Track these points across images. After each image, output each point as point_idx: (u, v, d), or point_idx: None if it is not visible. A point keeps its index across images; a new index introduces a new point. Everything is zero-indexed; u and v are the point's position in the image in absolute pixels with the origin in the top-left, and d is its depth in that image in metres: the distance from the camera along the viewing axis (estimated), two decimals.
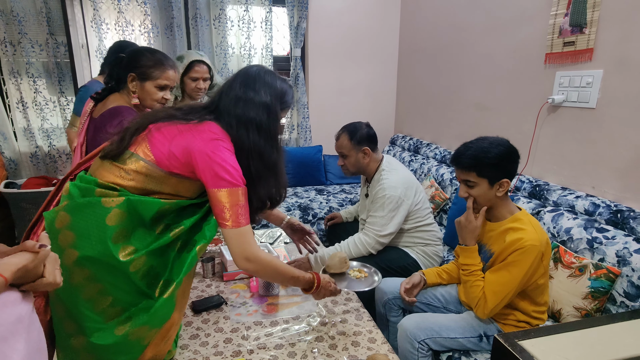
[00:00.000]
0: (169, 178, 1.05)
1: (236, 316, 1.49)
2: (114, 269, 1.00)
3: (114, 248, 0.98)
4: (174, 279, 1.06)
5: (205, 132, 1.04)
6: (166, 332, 1.12)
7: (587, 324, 1.19)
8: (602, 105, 1.70)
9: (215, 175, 1.01)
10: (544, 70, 1.97)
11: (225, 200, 1.02)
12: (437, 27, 2.96)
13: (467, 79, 2.62)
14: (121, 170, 1.04)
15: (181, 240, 1.10)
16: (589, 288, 1.42)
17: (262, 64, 1.35)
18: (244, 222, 1.05)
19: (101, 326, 1.02)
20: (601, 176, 1.72)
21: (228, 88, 1.13)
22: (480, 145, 1.32)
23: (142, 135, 1.06)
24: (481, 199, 1.34)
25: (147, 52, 1.49)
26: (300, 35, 3.34)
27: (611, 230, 1.48)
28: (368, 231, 1.84)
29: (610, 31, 1.65)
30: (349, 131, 1.91)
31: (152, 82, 1.48)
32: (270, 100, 1.11)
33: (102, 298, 1.02)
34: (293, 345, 1.34)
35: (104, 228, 0.98)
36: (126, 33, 2.98)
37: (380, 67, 3.66)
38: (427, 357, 1.41)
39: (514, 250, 1.26)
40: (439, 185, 2.52)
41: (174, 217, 1.09)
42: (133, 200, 1.01)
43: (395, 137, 3.61)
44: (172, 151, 1.02)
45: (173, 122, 1.07)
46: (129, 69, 1.48)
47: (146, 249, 1.03)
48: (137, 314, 1.05)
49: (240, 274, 1.76)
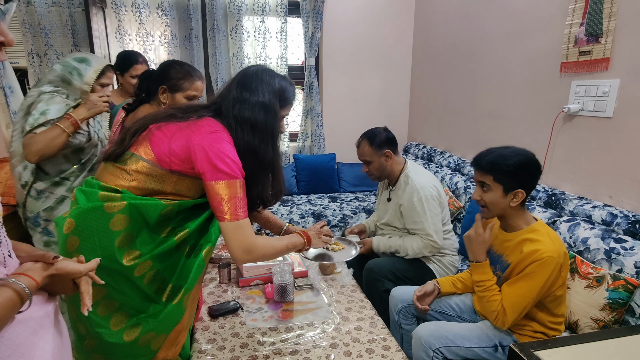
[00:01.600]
0: (170, 176, 1.06)
1: (252, 322, 1.51)
2: (118, 274, 1.02)
3: (118, 253, 1.00)
4: (183, 285, 1.08)
5: (204, 127, 1.06)
6: (176, 336, 1.14)
7: (605, 336, 1.18)
8: (620, 114, 1.69)
9: (213, 167, 1.01)
10: (560, 79, 1.97)
11: (223, 192, 1.01)
12: (450, 35, 2.98)
13: (481, 87, 2.62)
14: (123, 172, 1.06)
15: (189, 245, 1.12)
16: (607, 299, 1.40)
17: (261, 64, 1.35)
18: (242, 215, 1.04)
19: (109, 331, 1.03)
20: (619, 186, 1.71)
21: (226, 90, 1.15)
22: (502, 152, 1.33)
23: (143, 135, 1.08)
24: (493, 206, 1.35)
25: (177, 64, 1.55)
26: (314, 45, 3.39)
27: (629, 241, 1.47)
28: (421, 238, 1.85)
29: (627, 40, 1.64)
30: (368, 137, 1.93)
31: (182, 93, 1.53)
32: (268, 99, 1.11)
33: (108, 303, 1.03)
34: (308, 351, 1.35)
35: (107, 233, 1.00)
36: (147, 44, 3.08)
37: (393, 75, 3.69)
38: None
39: (532, 262, 1.26)
40: (453, 193, 2.52)
41: (179, 220, 1.11)
42: (135, 204, 1.02)
43: (408, 145, 3.62)
44: (172, 148, 1.03)
45: (172, 120, 1.09)
46: (160, 81, 1.53)
47: (151, 254, 1.04)
48: (145, 320, 1.06)
49: (255, 280, 1.78)
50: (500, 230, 1.43)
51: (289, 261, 1.85)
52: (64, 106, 1.62)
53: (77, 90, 1.68)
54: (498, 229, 1.44)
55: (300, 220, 2.90)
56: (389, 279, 1.84)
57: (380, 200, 2.14)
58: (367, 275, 1.89)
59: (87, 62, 1.69)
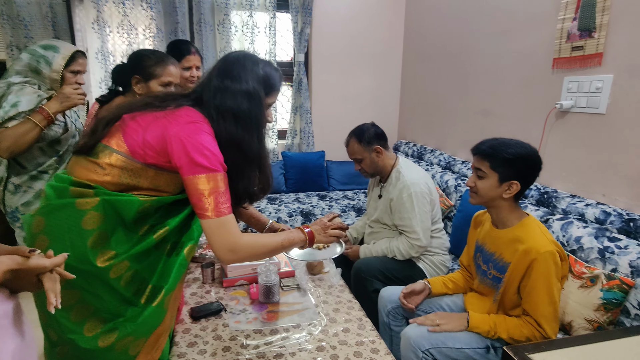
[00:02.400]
0: (146, 170, 0.98)
1: (235, 324, 1.45)
2: (91, 277, 0.94)
3: (92, 253, 0.93)
4: (164, 286, 1.01)
5: (182, 117, 0.98)
6: (156, 339, 1.07)
7: (600, 338, 1.14)
8: (613, 110, 1.66)
9: (190, 161, 0.94)
10: (552, 75, 1.94)
11: (203, 187, 0.94)
12: (441, 32, 2.94)
13: (473, 84, 2.59)
14: (95, 165, 0.98)
15: (170, 243, 1.05)
16: (601, 299, 1.36)
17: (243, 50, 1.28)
18: (226, 210, 0.96)
19: (82, 337, 0.96)
20: (612, 183, 1.68)
21: (207, 79, 1.08)
22: (506, 140, 1.30)
23: (116, 125, 1.01)
24: (484, 193, 1.30)
25: (147, 52, 1.51)
26: (303, 41, 3.34)
27: (623, 240, 1.44)
28: (407, 238, 1.82)
29: (621, 35, 1.62)
30: (356, 135, 1.88)
31: (156, 80, 1.48)
32: (252, 87, 1.04)
33: (82, 307, 0.96)
34: (293, 355, 1.29)
35: (79, 232, 0.92)
36: (130, 37, 2.99)
37: (383, 72, 3.65)
38: None
39: (531, 262, 1.21)
40: (444, 192, 2.48)
41: (158, 217, 1.03)
42: (110, 201, 0.95)
43: (398, 144, 3.58)
44: (147, 139, 0.96)
45: (148, 110, 1.02)
46: (132, 72, 1.48)
47: (127, 253, 0.97)
48: (122, 324, 0.99)
49: (240, 280, 1.72)
50: (491, 227, 1.39)
51: (275, 260, 1.79)
52: (35, 97, 1.55)
53: (46, 79, 1.60)
54: (489, 226, 1.40)
55: (288, 219, 2.83)
56: (378, 279, 1.79)
57: (370, 197, 2.09)
58: (355, 275, 1.83)
59: (55, 48, 1.61)
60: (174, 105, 1.02)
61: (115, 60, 2.99)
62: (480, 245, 1.44)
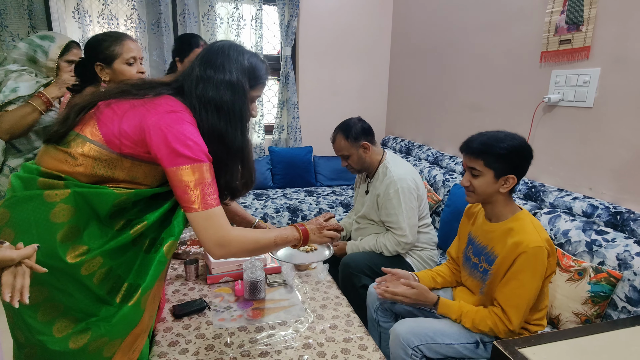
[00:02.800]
0: (122, 161, 0.93)
1: (219, 321, 1.40)
2: (61, 273, 0.88)
3: (61, 248, 0.87)
4: (141, 284, 0.95)
5: (161, 105, 0.93)
6: (133, 340, 1.01)
7: (589, 331, 1.14)
8: (600, 104, 1.66)
9: (172, 152, 0.88)
10: (540, 69, 1.93)
11: (188, 179, 0.89)
12: (429, 26, 2.93)
13: (461, 79, 2.58)
14: (67, 155, 0.92)
15: (149, 239, 0.99)
16: (589, 293, 1.36)
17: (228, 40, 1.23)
18: (214, 202, 0.91)
19: (51, 339, 0.89)
20: (598, 177, 1.68)
21: (190, 68, 1.03)
22: (494, 134, 1.27)
23: (90, 113, 0.95)
24: (482, 190, 1.28)
25: (100, 36, 1.48)
26: (290, 34, 3.28)
27: (611, 233, 1.43)
28: (393, 235, 1.79)
29: (608, 28, 1.61)
30: (342, 130, 1.84)
31: (119, 60, 1.46)
32: (235, 78, 0.99)
33: (50, 306, 0.90)
34: (279, 352, 1.25)
35: (47, 226, 0.86)
36: (111, 27, 2.89)
37: (371, 67, 3.62)
38: None
39: (519, 254, 1.20)
40: (432, 187, 2.47)
41: (136, 211, 0.98)
42: (81, 193, 0.89)
43: (386, 139, 3.56)
44: (123, 128, 0.91)
45: (125, 97, 0.96)
46: (93, 60, 1.46)
47: (101, 249, 0.92)
48: (95, 324, 0.93)
49: (225, 277, 1.67)
50: (484, 221, 1.37)
51: (261, 256, 1.74)
52: (34, 83, 1.60)
53: (43, 68, 1.67)
54: (482, 219, 1.38)
55: (275, 215, 2.79)
56: (366, 274, 1.76)
57: (358, 193, 2.05)
58: (343, 271, 1.80)
59: (50, 38, 1.70)
60: (152, 93, 0.97)
61: None
62: (473, 238, 1.42)
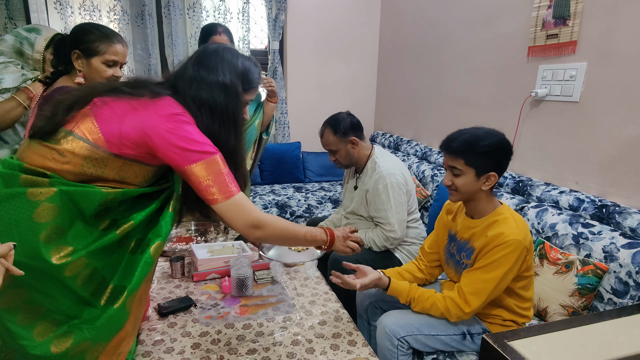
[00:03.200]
0: (113, 160, 0.90)
1: (206, 319, 1.37)
2: (43, 274, 0.85)
3: (45, 249, 0.83)
4: (126, 286, 0.92)
5: (163, 107, 0.92)
6: (118, 344, 0.98)
7: (577, 323, 1.15)
8: (586, 98, 1.68)
9: (183, 151, 0.89)
10: (527, 63, 1.94)
11: (204, 173, 0.90)
12: (418, 21, 2.92)
13: (449, 74, 2.58)
14: (53, 152, 0.88)
15: (135, 239, 0.97)
16: (576, 285, 1.37)
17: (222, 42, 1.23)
18: (235, 190, 0.94)
19: (32, 343, 0.85)
20: (584, 171, 1.70)
21: (182, 68, 1.01)
22: (474, 132, 1.25)
23: (85, 110, 0.91)
24: (464, 189, 1.28)
25: (91, 27, 1.41)
26: (278, 28, 3.24)
27: (597, 226, 1.45)
28: (382, 230, 1.78)
29: (594, 23, 1.62)
30: (331, 125, 1.82)
31: (99, 57, 1.39)
32: (229, 80, 1.00)
33: (31, 309, 0.86)
34: (267, 349, 1.23)
35: (30, 226, 0.83)
36: (93, 19, 2.81)
37: (360, 62, 3.60)
38: (407, 355, 1.33)
39: (496, 246, 1.20)
40: (420, 182, 2.47)
41: (122, 210, 0.95)
42: (68, 192, 0.86)
43: (375, 135, 3.56)
44: (125, 130, 0.89)
45: (121, 96, 0.93)
46: (72, 46, 1.39)
47: (86, 249, 0.88)
48: (78, 327, 0.89)
49: (212, 274, 1.64)
50: (465, 217, 1.37)
51: (249, 253, 1.72)
52: (19, 75, 1.58)
53: (29, 60, 1.65)
54: (464, 216, 1.38)
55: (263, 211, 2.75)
56: None
57: (346, 189, 2.04)
58: (332, 267, 1.78)
59: (37, 31, 1.68)
60: (150, 94, 0.95)
61: None
62: (453, 234, 1.41)
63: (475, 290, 1.24)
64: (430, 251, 1.51)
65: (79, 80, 1.40)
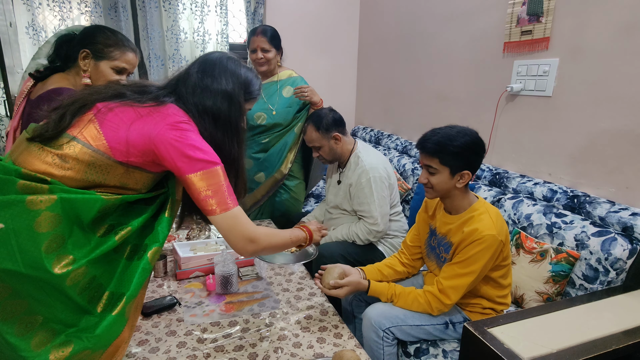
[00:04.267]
0: (117, 167, 0.90)
1: (191, 317, 1.37)
2: (45, 284, 0.82)
3: (47, 259, 0.80)
4: (124, 292, 0.91)
5: (170, 116, 0.92)
6: (114, 351, 0.96)
7: (551, 308, 1.20)
8: (558, 93, 1.74)
9: (189, 159, 0.91)
10: (503, 59, 2.00)
11: (206, 185, 0.92)
12: (396, 16, 2.94)
13: (428, 69, 2.62)
14: (55, 157, 0.86)
15: (130, 245, 0.95)
16: (550, 272, 1.43)
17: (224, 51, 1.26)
18: (233, 203, 0.95)
19: (30, 354, 0.82)
20: (557, 163, 1.77)
21: (185, 74, 1.03)
22: (447, 132, 1.29)
23: (88, 115, 0.90)
24: (439, 187, 1.32)
25: (107, 30, 1.39)
26: (257, 22, 3.20)
27: (569, 215, 1.51)
28: (365, 224, 1.80)
29: (566, 20, 1.68)
30: (313, 122, 1.83)
31: (109, 62, 1.37)
32: (232, 89, 1.03)
33: (29, 320, 0.83)
34: (254, 345, 1.24)
35: (30, 236, 0.79)
36: (63, 11, 2.70)
37: (340, 57, 3.60)
38: (392, 346, 1.37)
39: (472, 241, 1.24)
40: (401, 175, 2.51)
41: (117, 216, 0.94)
42: (69, 199, 0.83)
43: (356, 129, 3.58)
44: (132, 138, 0.89)
45: (126, 102, 0.93)
46: (82, 45, 1.35)
47: (87, 258, 0.86)
48: (77, 336, 0.87)
49: (195, 272, 1.62)
50: (444, 213, 1.41)
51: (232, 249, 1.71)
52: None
53: None
54: (442, 212, 1.42)
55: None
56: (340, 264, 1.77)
57: (329, 184, 2.05)
58: (317, 261, 1.80)
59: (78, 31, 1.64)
60: (153, 101, 0.95)
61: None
62: (433, 229, 1.45)
63: (454, 284, 1.28)
64: (412, 244, 1.55)
65: (86, 81, 1.37)
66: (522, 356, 0.98)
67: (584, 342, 1.04)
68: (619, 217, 1.40)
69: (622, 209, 1.43)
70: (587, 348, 1.02)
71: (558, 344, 1.02)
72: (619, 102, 1.52)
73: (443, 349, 1.36)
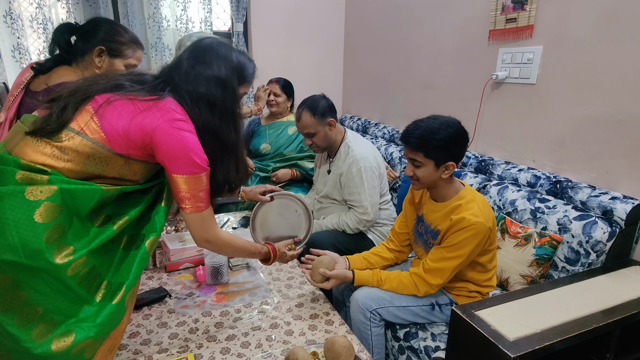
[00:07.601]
0: (116, 159, 0.91)
1: (182, 309, 1.37)
2: (45, 275, 0.83)
3: (48, 250, 0.81)
4: (123, 282, 0.92)
5: (168, 112, 0.93)
6: (114, 340, 0.97)
7: (535, 291, 1.24)
8: (542, 81, 1.77)
9: (177, 160, 0.93)
10: (488, 47, 2.01)
11: (188, 186, 0.96)
12: (382, 5, 2.93)
13: (414, 57, 2.62)
14: (54, 149, 0.86)
15: (127, 235, 0.97)
16: (534, 256, 1.48)
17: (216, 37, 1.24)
18: (204, 206, 1.01)
19: (31, 345, 0.82)
20: (540, 149, 1.80)
21: (177, 61, 1.02)
22: (430, 125, 1.29)
23: (86, 107, 0.90)
24: (425, 179, 1.33)
25: (119, 27, 1.41)
26: (242, 9, 3.14)
27: (552, 200, 1.55)
28: (355, 213, 1.81)
29: (549, 8, 1.70)
30: (309, 107, 1.80)
31: (122, 60, 1.41)
32: (225, 74, 1.02)
33: (29, 310, 0.83)
34: (246, 334, 1.25)
35: (30, 227, 0.79)
36: None
37: (326, 45, 3.57)
38: (380, 327, 1.40)
39: (461, 228, 1.27)
40: (388, 164, 2.53)
41: (114, 206, 0.95)
42: (70, 190, 0.84)
43: (343, 118, 3.58)
44: (131, 132, 0.89)
45: (125, 95, 0.93)
46: (99, 41, 1.36)
47: (87, 248, 0.87)
48: (77, 326, 0.87)
49: (185, 263, 1.62)
50: (430, 200, 1.43)
51: None
52: None
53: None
54: (428, 199, 1.44)
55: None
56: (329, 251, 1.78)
57: (319, 173, 2.06)
58: (307, 250, 1.82)
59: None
60: (151, 94, 0.95)
61: (24, 26, 2.60)
62: (420, 215, 1.48)
63: (439, 267, 1.31)
64: (400, 231, 1.57)
65: None
66: (508, 337, 1.02)
67: (566, 321, 1.08)
68: (599, 202, 1.44)
69: (603, 193, 1.47)
70: (569, 327, 1.06)
71: (542, 324, 1.06)
72: (599, 89, 1.55)
73: (432, 332, 1.39)
